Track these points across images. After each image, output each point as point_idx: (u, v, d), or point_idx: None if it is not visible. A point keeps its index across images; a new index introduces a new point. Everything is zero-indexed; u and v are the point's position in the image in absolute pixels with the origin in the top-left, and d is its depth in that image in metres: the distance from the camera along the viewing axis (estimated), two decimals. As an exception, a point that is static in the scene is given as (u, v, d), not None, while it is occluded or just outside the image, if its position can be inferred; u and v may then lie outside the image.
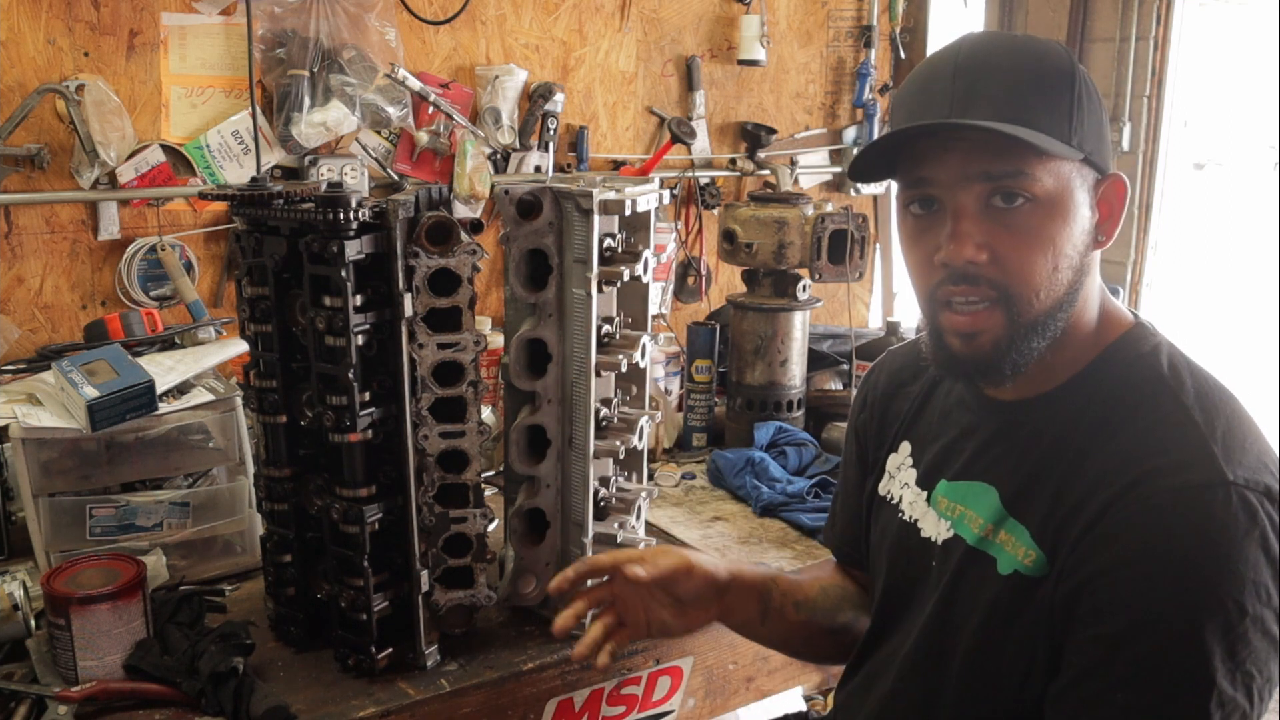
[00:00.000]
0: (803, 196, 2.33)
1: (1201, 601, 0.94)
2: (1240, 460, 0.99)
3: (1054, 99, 1.03)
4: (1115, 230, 1.10)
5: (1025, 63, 1.05)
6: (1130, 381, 1.08)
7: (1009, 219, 1.03)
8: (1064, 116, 1.03)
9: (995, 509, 1.12)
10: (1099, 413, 1.07)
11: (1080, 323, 1.10)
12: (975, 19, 3.18)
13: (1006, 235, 1.04)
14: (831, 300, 2.82)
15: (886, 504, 1.30)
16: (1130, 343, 1.11)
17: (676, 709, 1.68)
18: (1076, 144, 1.03)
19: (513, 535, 1.57)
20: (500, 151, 2.52)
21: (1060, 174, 1.04)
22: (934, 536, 1.20)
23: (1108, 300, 1.14)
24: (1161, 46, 2.85)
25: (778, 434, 2.24)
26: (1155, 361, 1.09)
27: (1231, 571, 0.94)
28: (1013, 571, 1.07)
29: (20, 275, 2.09)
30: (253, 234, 1.40)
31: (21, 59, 2.02)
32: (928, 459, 1.25)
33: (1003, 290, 1.04)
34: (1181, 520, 0.96)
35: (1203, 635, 0.93)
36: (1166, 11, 2.82)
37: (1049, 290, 1.05)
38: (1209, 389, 1.06)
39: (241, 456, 1.74)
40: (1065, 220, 1.04)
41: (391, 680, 1.44)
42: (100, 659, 1.38)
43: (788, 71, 3.02)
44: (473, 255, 1.37)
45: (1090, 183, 1.07)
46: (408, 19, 2.37)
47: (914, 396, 1.32)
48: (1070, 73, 1.05)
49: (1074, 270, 1.06)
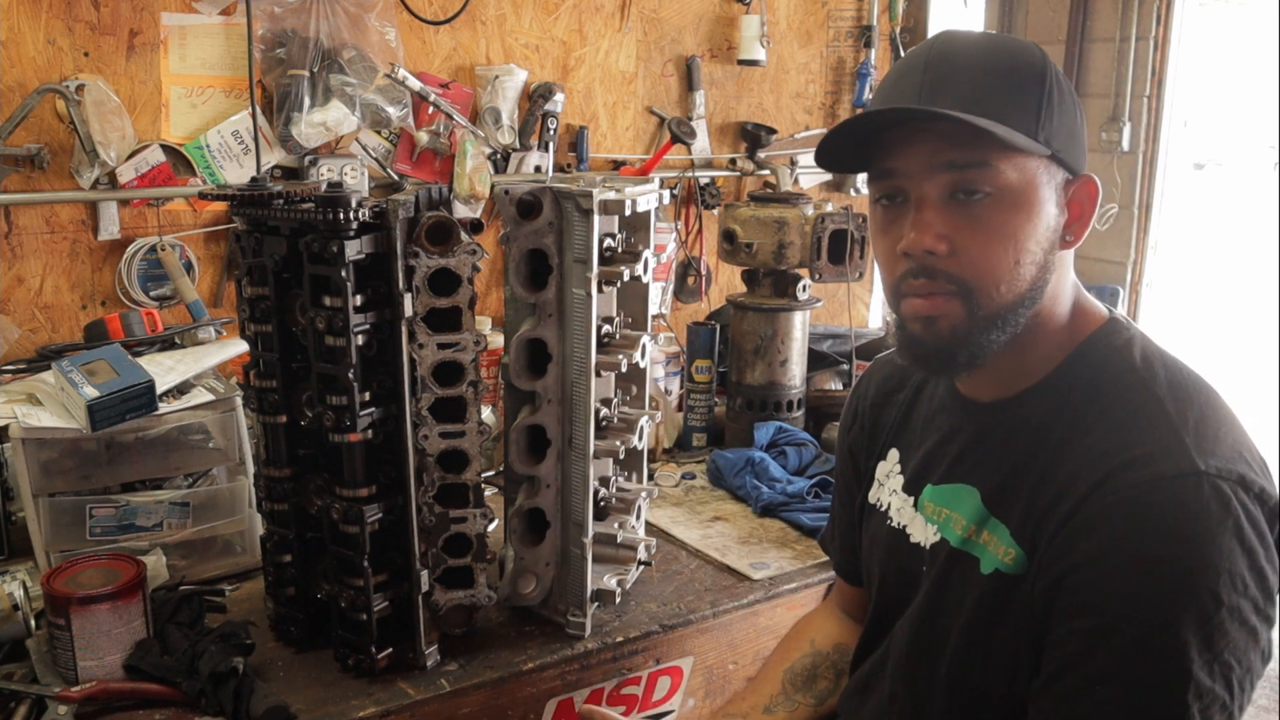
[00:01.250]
0: (803, 196, 2.33)
1: (1177, 593, 0.94)
2: (1213, 450, 0.99)
3: (1022, 95, 1.04)
4: (1085, 231, 1.10)
5: (995, 59, 1.06)
6: (1104, 376, 1.08)
7: (971, 211, 1.04)
8: (1032, 112, 1.03)
9: (977, 509, 1.12)
10: (1074, 408, 1.08)
11: (1052, 320, 1.10)
12: (975, 19, 3.18)
13: (967, 228, 1.04)
14: (831, 300, 2.82)
15: (876, 511, 1.31)
16: (1103, 337, 1.11)
17: (676, 709, 1.69)
18: (1044, 140, 1.03)
19: (513, 535, 1.57)
20: (500, 151, 2.52)
21: (1025, 169, 1.04)
22: (922, 541, 1.21)
23: (1082, 296, 1.14)
24: (1161, 46, 2.85)
25: (778, 434, 2.24)
26: (1128, 355, 1.09)
27: (1206, 562, 0.93)
28: (994, 570, 1.08)
29: (20, 275, 2.09)
30: (253, 234, 1.40)
31: (21, 59, 2.02)
32: (914, 464, 1.26)
33: (961, 284, 1.05)
34: (1154, 512, 0.96)
35: (1179, 627, 0.93)
36: (1166, 11, 2.82)
37: (1009, 285, 1.05)
38: (1182, 379, 1.06)
39: (241, 456, 1.74)
40: (1028, 215, 1.04)
41: (391, 680, 1.44)
42: (100, 659, 1.38)
43: (788, 71, 3.02)
44: (473, 255, 1.37)
45: (1059, 181, 1.07)
46: (408, 19, 2.37)
47: (901, 404, 1.32)
48: (1041, 71, 1.05)
49: (1037, 266, 1.06)
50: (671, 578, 1.77)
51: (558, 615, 1.59)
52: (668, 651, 1.63)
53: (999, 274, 1.05)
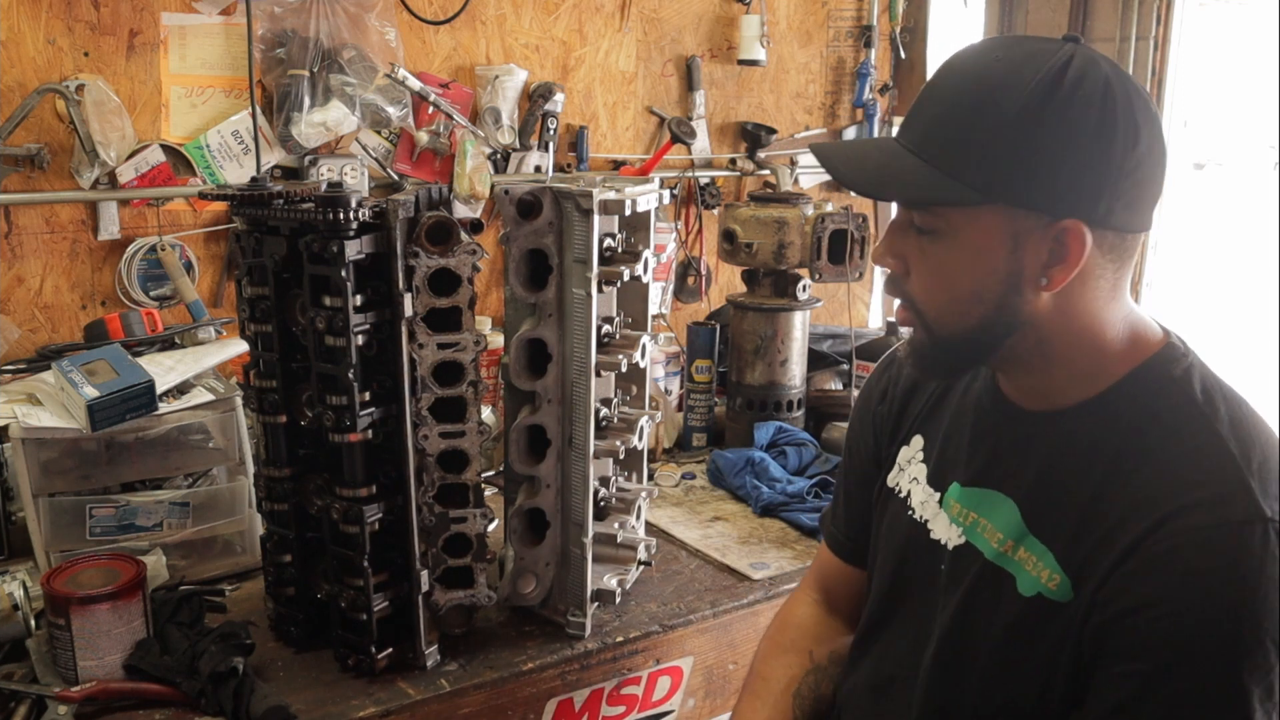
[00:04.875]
0: (803, 196, 2.33)
1: (1240, 641, 0.92)
2: (1277, 494, 0.97)
3: (977, 136, 0.99)
4: (1066, 276, 1.02)
5: (971, 94, 1.01)
6: (1162, 406, 1.05)
7: (920, 243, 1.06)
8: (981, 156, 0.99)
9: (1015, 524, 1.10)
10: (1128, 436, 1.04)
11: (1092, 343, 1.07)
12: (975, 19, 3.17)
13: (917, 256, 1.07)
14: (831, 300, 2.82)
15: (895, 497, 1.29)
16: (1160, 364, 1.08)
17: (676, 709, 1.68)
18: (982, 185, 0.98)
19: (513, 535, 1.57)
20: (500, 151, 2.52)
21: (972, 214, 1.01)
22: (945, 540, 1.19)
23: (1137, 318, 1.10)
24: (1161, 46, 2.85)
25: (778, 434, 2.24)
26: (1188, 385, 1.05)
27: (1269, 611, 0.92)
28: (1036, 594, 1.06)
29: (20, 275, 2.09)
30: (253, 234, 1.40)
31: (21, 59, 2.02)
32: (939, 456, 1.24)
33: (911, 304, 1.09)
34: (1219, 558, 0.94)
35: (1240, 675, 0.92)
36: (1166, 11, 2.81)
37: (951, 320, 1.07)
38: (1243, 417, 1.04)
39: (241, 456, 1.74)
40: (967, 259, 1.03)
41: (391, 680, 1.44)
42: (100, 659, 1.38)
43: (788, 71, 3.02)
44: (473, 255, 1.37)
45: (1028, 225, 1.00)
46: (408, 19, 2.37)
47: (933, 391, 1.30)
48: (1016, 111, 0.97)
49: (988, 306, 1.04)
50: (671, 578, 1.77)
51: (558, 615, 1.59)
52: (668, 651, 1.63)
53: (938, 306, 1.07)
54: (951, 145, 1.01)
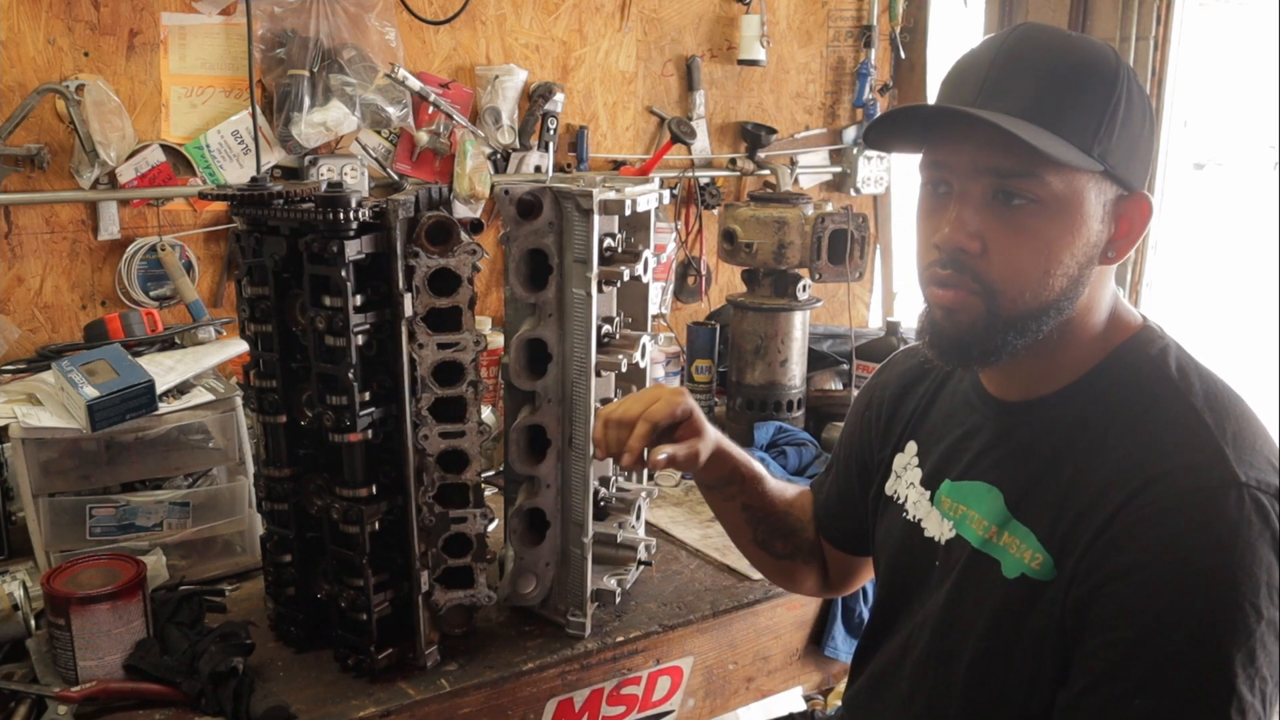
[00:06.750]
0: (803, 196, 2.33)
1: (1219, 605, 0.93)
2: (1251, 461, 0.98)
3: (1084, 105, 1.01)
4: (1129, 249, 1.08)
5: (1065, 63, 1.03)
6: (1138, 384, 1.07)
7: (1009, 215, 1.03)
8: (1091, 124, 1.01)
9: (999, 511, 1.11)
10: (1106, 415, 1.06)
11: (1085, 328, 1.09)
12: (975, 19, 3.17)
13: (1003, 231, 1.03)
14: (831, 300, 2.82)
15: (893, 504, 1.30)
16: (1137, 345, 1.10)
17: (676, 709, 1.68)
18: (1098, 155, 1.01)
19: (513, 535, 1.57)
20: (500, 151, 2.52)
21: (1073, 182, 1.02)
22: (937, 536, 1.20)
23: (1119, 304, 1.13)
24: (1161, 46, 2.84)
25: (778, 434, 2.24)
26: (1163, 364, 1.08)
27: (1247, 574, 0.93)
28: (1019, 575, 1.07)
29: (20, 275, 2.09)
30: (253, 234, 1.40)
31: (21, 59, 2.02)
32: (933, 459, 1.25)
33: (987, 285, 1.05)
34: (1195, 523, 0.95)
35: (1221, 639, 0.92)
36: (1166, 11, 2.81)
37: (1035, 292, 1.04)
38: (1217, 390, 1.06)
39: (241, 456, 1.74)
40: (1067, 228, 1.03)
41: (391, 680, 1.44)
42: (100, 659, 1.38)
43: (788, 71, 3.02)
44: (473, 255, 1.37)
45: (1110, 197, 1.05)
46: (408, 19, 2.37)
47: (921, 396, 1.32)
48: (1112, 81, 1.02)
49: (1069, 279, 1.05)
50: (671, 578, 1.77)
51: (558, 615, 1.59)
52: (668, 651, 1.63)
53: (1026, 280, 1.04)
54: (1068, 112, 1.01)
